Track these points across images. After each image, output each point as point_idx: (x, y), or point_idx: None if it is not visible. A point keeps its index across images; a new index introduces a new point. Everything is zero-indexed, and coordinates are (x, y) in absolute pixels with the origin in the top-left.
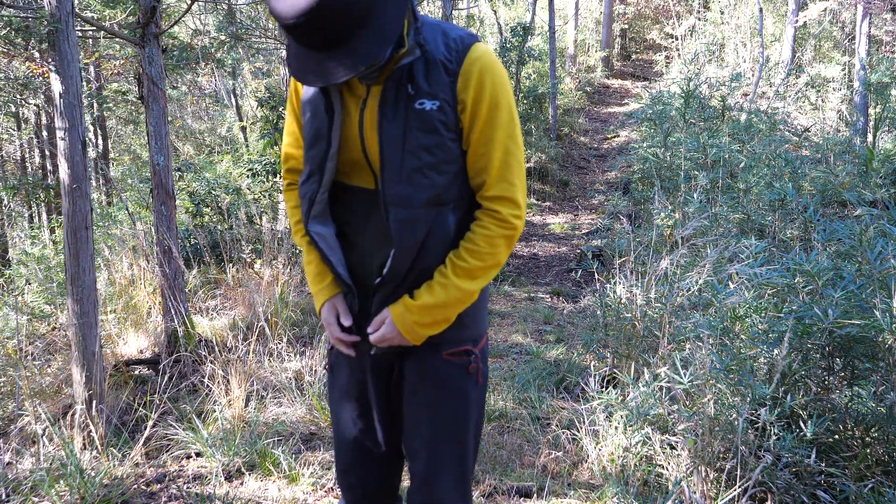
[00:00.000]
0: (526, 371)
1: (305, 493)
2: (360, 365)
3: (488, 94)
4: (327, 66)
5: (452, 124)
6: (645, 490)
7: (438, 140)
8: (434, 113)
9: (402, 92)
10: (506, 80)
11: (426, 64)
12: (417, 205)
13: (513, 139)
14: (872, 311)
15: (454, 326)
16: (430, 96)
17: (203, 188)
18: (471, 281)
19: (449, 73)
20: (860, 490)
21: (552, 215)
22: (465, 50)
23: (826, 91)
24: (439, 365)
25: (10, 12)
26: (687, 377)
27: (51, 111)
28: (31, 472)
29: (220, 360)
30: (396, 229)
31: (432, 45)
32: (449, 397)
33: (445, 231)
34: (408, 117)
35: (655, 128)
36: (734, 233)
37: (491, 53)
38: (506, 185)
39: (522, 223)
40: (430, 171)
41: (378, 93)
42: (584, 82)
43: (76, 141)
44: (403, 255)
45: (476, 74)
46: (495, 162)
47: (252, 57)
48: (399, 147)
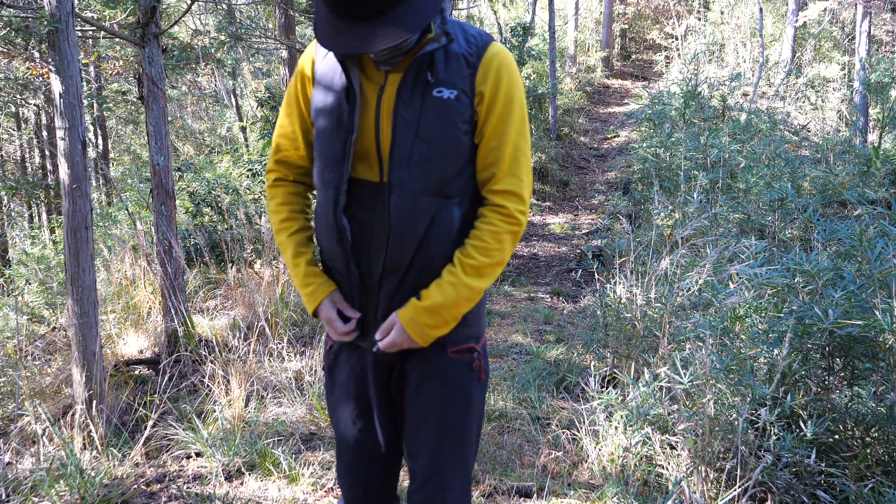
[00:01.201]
0: (526, 371)
1: (305, 493)
2: (360, 364)
3: (504, 90)
4: (367, 33)
5: (468, 116)
6: (645, 490)
7: (452, 130)
8: (451, 102)
9: (422, 78)
10: (520, 79)
11: (447, 55)
12: (420, 192)
13: (523, 136)
14: (873, 311)
15: (459, 324)
16: (449, 85)
17: (203, 188)
18: (479, 278)
19: (469, 65)
20: (860, 490)
21: (552, 215)
22: (484, 45)
23: (826, 91)
24: (446, 363)
25: (10, 12)
26: (687, 377)
27: (51, 111)
28: (31, 472)
29: (220, 360)
30: (396, 216)
31: (455, 38)
32: (454, 395)
33: (449, 225)
34: (424, 104)
35: (655, 128)
36: (734, 233)
37: (507, 52)
38: (514, 180)
39: (526, 219)
40: (438, 160)
41: (397, 80)
42: (584, 82)
43: (76, 141)
44: (403, 245)
45: (495, 69)
46: (506, 156)
47: (252, 57)
48: (412, 133)
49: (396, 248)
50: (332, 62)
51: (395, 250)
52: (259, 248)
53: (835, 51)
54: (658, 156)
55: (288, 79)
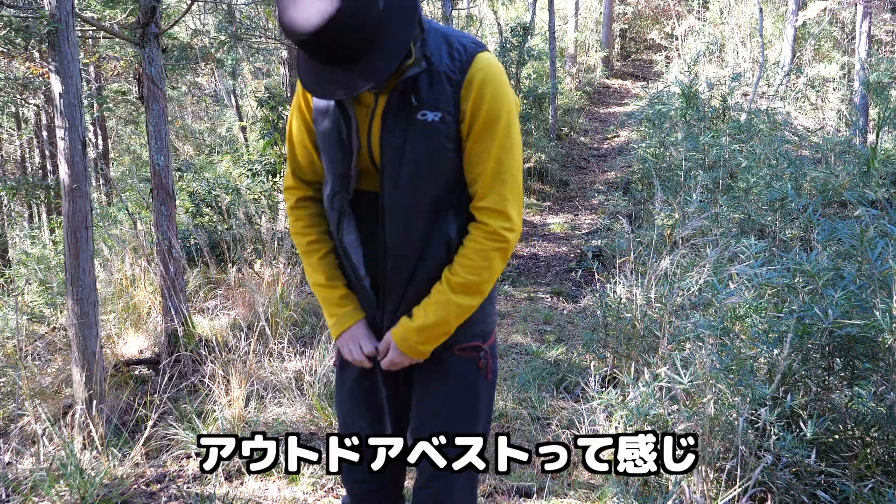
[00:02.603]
0: (526, 371)
1: (305, 493)
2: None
3: (486, 106)
4: (341, 78)
5: (454, 135)
6: (645, 490)
7: (439, 151)
8: (436, 124)
9: (406, 102)
10: (507, 92)
11: (430, 76)
12: (414, 213)
13: (507, 152)
14: (872, 312)
15: (465, 324)
16: (433, 108)
17: (203, 188)
18: (467, 296)
19: (452, 83)
20: (860, 490)
21: (552, 215)
22: (468, 60)
23: (826, 91)
24: (450, 360)
25: (10, 12)
26: (687, 377)
27: (51, 111)
28: (31, 472)
29: (220, 360)
30: (392, 237)
31: (436, 57)
32: (459, 391)
33: (446, 240)
34: (409, 128)
35: (654, 128)
36: (734, 233)
37: (494, 64)
38: (496, 198)
39: (515, 236)
40: (428, 181)
41: (384, 102)
42: (584, 82)
43: (76, 141)
44: (401, 261)
45: (477, 86)
46: (487, 173)
47: (252, 57)
48: (398, 157)
49: (395, 263)
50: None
51: (394, 265)
52: (259, 248)
53: (835, 51)
54: (658, 156)
55: (288, 79)
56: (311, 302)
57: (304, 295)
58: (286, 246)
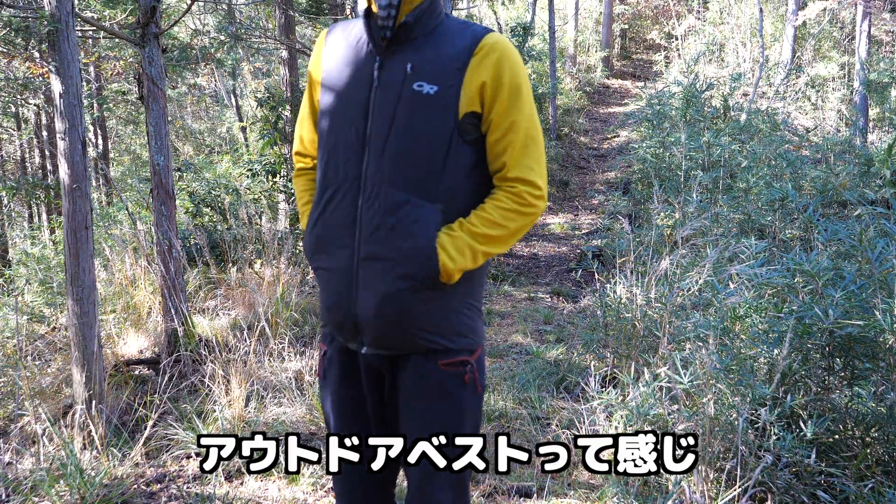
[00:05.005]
0: (526, 371)
1: (305, 493)
2: (354, 370)
3: (508, 78)
4: None
5: (452, 110)
6: (645, 490)
7: (430, 125)
8: (431, 97)
9: (400, 69)
10: (524, 68)
11: (436, 45)
12: (398, 187)
13: (534, 126)
14: (873, 312)
15: (449, 334)
16: (431, 79)
17: (203, 188)
18: (479, 244)
19: (463, 52)
20: (860, 490)
21: (552, 215)
22: (481, 34)
23: (826, 91)
24: (434, 372)
25: (10, 12)
26: (687, 377)
27: (51, 111)
28: (31, 472)
29: (220, 360)
30: (366, 208)
31: (450, 22)
32: (443, 404)
33: (426, 227)
34: (400, 97)
35: (654, 128)
36: (734, 233)
37: (507, 41)
38: (525, 169)
39: (543, 204)
40: (415, 155)
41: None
42: (584, 82)
43: (76, 141)
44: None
45: (496, 58)
46: (517, 145)
47: (252, 57)
48: (385, 126)
49: (368, 241)
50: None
51: (368, 245)
52: (259, 248)
53: (835, 51)
54: (658, 156)
55: (288, 79)
56: (311, 302)
57: (305, 295)
58: (286, 246)
